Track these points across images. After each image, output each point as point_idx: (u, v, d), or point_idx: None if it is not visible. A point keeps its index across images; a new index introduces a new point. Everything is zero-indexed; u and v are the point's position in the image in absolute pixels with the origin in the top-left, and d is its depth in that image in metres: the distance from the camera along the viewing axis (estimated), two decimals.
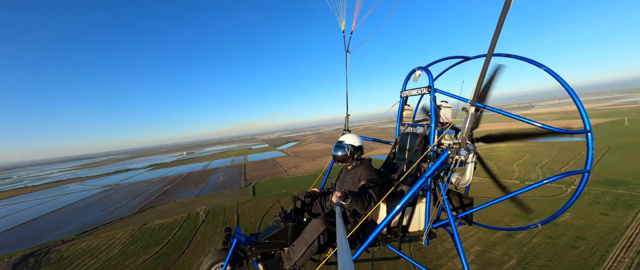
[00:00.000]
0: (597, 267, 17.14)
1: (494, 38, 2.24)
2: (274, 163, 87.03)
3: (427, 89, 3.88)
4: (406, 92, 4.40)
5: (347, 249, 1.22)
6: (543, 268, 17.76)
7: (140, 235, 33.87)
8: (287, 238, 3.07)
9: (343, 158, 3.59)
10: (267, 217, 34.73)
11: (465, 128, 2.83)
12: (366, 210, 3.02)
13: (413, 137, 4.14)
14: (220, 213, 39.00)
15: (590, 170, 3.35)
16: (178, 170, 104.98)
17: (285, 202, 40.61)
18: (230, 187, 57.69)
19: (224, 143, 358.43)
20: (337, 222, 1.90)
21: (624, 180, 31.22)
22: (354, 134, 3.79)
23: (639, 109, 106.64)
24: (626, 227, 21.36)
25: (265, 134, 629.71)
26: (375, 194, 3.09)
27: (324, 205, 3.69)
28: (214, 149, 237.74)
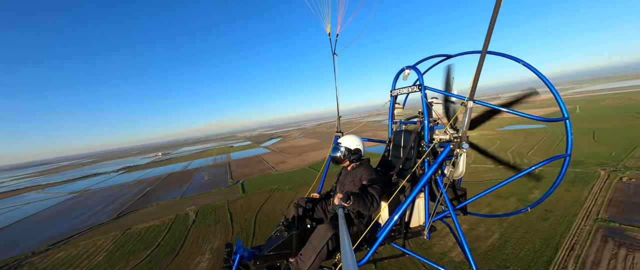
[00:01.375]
0: (564, 234, 19.73)
1: (486, 38, 2.23)
2: (260, 160, 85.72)
3: (418, 87, 3.93)
4: (396, 91, 4.42)
5: (351, 251, 1.18)
6: (521, 238, 20.02)
7: (125, 240, 31.99)
8: (292, 247, 2.97)
9: (339, 159, 3.57)
10: (261, 214, 34.55)
11: (465, 122, 2.83)
12: (369, 210, 2.97)
13: (407, 134, 4.20)
14: (211, 212, 37.96)
15: (571, 153, 3.71)
16: (155, 172, 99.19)
17: (277, 197, 40.63)
18: (217, 186, 56.05)
19: (202, 142, 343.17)
20: (339, 225, 1.89)
21: (580, 160, 35.66)
22: (353, 136, 3.72)
23: (587, 98, 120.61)
24: (584, 199, 24.66)
25: (246, 131, 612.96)
26: (376, 193, 3.05)
27: (326, 209, 3.61)
28: (192, 148, 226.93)
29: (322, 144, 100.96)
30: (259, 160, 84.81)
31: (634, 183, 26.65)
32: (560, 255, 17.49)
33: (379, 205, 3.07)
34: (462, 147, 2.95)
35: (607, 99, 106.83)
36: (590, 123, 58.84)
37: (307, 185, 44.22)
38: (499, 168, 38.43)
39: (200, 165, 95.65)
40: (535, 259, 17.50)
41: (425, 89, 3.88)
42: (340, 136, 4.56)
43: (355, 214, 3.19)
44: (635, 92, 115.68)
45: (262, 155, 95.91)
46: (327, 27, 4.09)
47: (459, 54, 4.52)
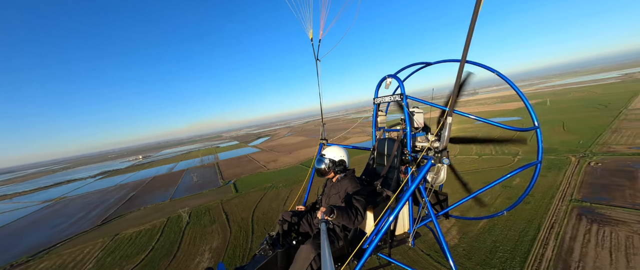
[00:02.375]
0: (544, 214, 21.63)
1: (464, 49, 2.26)
2: (250, 159, 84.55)
3: (400, 96, 3.95)
4: (379, 99, 4.39)
5: (331, 267, 1.17)
6: (507, 221, 21.68)
7: (115, 246, 30.68)
8: (277, 267, 2.88)
9: (323, 171, 3.52)
10: (257, 212, 34.42)
11: (445, 137, 2.84)
12: (354, 224, 2.94)
13: (390, 143, 4.21)
14: (205, 213, 37.24)
15: (541, 160, 3.94)
16: (138, 175, 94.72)
17: (272, 195, 40.58)
18: (208, 187, 54.79)
19: (185, 143, 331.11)
20: (321, 240, 1.85)
21: (552, 148, 38.77)
22: (337, 147, 3.69)
23: (556, 92, 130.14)
24: (559, 183, 27.05)
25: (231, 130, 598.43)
26: (361, 206, 3.02)
27: (312, 222, 3.51)
28: (175, 150, 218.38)
29: (312, 141, 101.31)
30: (249, 160, 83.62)
31: (600, 167, 29.57)
32: (542, 234, 19.23)
33: (363, 218, 3.04)
34: (442, 162, 2.95)
35: (572, 92, 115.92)
36: (560, 115, 63.76)
37: (300, 182, 44.51)
38: (483, 158, 40.87)
39: (187, 167, 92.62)
40: (521, 237, 19.12)
41: (407, 98, 3.89)
42: (325, 144, 4.72)
43: (341, 227, 3.12)
44: (596, 85, 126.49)
45: (251, 155, 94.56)
46: (310, 32, 4.04)
47: (437, 62, 4.64)
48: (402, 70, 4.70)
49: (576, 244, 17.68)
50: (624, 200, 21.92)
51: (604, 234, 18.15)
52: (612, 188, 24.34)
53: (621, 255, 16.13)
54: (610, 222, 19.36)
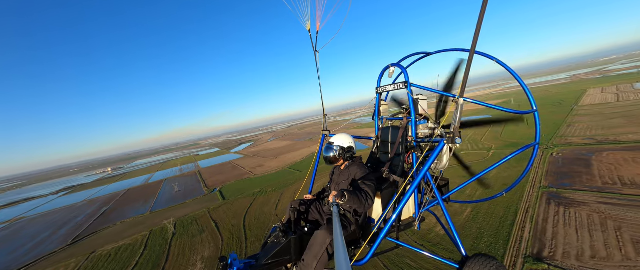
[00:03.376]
0: (519, 201, 23.86)
1: (474, 40, 2.27)
2: (234, 165, 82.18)
3: (404, 84, 3.96)
4: (382, 88, 4.39)
5: (344, 251, 1.19)
6: (488, 210, 23.56)
7: (92, 265, 28.29)
8: (291, 253, 2.87)
9: (333, 159, 3.52)
10: (248, 217, 33.74)
11: (457, 118, 2.91)
12: (364, 207, 2.97)
13: (394, 130, 4.27)
14: (192, 222, 35.66)
15: (539, 142, 4.16)
16: (108, 189, 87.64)
17: (262, 200, 39.97)
18: (192, 196, 52.39)
19: (160, 153, 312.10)
20: (333, 223, 1.86)
21: (521, 142, 42.74)
22: (344, 134, 3.70)
23: (519, 92, 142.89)
24: (529, 173, 29.96)
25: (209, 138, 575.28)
26: (370, 190, 3.06)
27: (321, 209, 3.52)
28: (150, 160, 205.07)
29: (297, 145, 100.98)
30: (233, 166, 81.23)
31: (561, 157, 33.23)
32: (519, 218, 21.24)
33: (373, 201, 3.07)
34: (455, 142, 2.99)
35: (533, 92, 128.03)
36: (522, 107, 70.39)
37: (291, 186, 44.39)
38: (460, 153, 43.86)
39: (165, 177, 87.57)
40: (502, 223, 20.97)
41: (411, 86, 3.94)
42: (328, 135, 4.72)
43: (352, 212, 3.16)
44: (551, 86, 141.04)
45: (235, 161, 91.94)
46: (307, 24, 4.00)
47: (437, 52, 4.78)
48: (403, 60, 4.75)
49: (548, 225, 19.79)
50: (583, 184, 24.93)
51: (570, 215, 20.53)
52: (572, 174, 27.52)
53: (585, 231, 18.39)
54: (573, 204, 21.92)
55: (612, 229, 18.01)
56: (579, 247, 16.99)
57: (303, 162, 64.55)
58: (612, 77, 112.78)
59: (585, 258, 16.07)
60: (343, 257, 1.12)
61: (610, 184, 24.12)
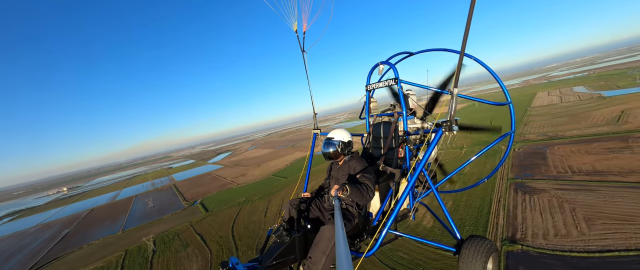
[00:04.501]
0: (492, 192, 26.44)
1: (464, 38, 2.35)
2: (214, 176, 78.67)
3: (394, 80, 4.08)
4: (372, 85, 4.47)
5: (345, 244, 1.21)
6: (467, 201, 25.75)
7: None
8: (295, 252, 2.80)
9: (334, 155, 3.47)
10: (236, 227, 32.73)
11: (452, 108, 2.99)
12: (366, 199, 2.98)
13: (386, 125, 4.33)
14: (174, 238, 33.53)
15: (514, 131, 4.40)
16: (67, 210, 78.31)
17: (249, 209, 38.99)
18: (170, 211, 49.12)
19: (126, 168, 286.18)
20: (335, 216, 1.81)
21: (488, 140, 47.32)
22: (341, 129, 3.68)
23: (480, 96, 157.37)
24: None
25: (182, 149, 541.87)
26: (370, 182, 3.07)
27: (321, 206, 3.46)
28: (114, 176, 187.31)
29: (280, 152, 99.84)
30: (213, 177, 77.70)
31: (522, 151, 37.47)
32: (494, 207, 23.61)
33: (374, 193, 3.08)
34: (452, 129, 3.08)
35: (493, 95, 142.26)
36: (487, 113, 77.71)
37: (278, 193, 43.92)
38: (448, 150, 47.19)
39: (136, 193, 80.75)
40: (480, 211, 23.12)
41: (401, 82, 4.06)
42: (319, 133, 4.79)
43: (355, 206, 3.19)
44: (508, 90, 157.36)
45: (214, 172, 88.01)
46: (294, 25, 4.00)
47: (419, 52, 5.08)
48: (390, 59, 4.88)
49: (518, 211, 22.30)
50: (542, 174, 28.46)
51: (534, 201, 23.34)
52: (532, 166, 31.23)
53: (547, 214, 21.08)
54: (536, 191, 24.94)
55: (568, 210, 20.91)
56: (544, 228, 19.45)
57: (287, 169, 64.13)
58: (555, 82, 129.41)
59: (550, 236, 18.45)
60: (343, 249, 1.12)
61: (562, 173, 27.88)
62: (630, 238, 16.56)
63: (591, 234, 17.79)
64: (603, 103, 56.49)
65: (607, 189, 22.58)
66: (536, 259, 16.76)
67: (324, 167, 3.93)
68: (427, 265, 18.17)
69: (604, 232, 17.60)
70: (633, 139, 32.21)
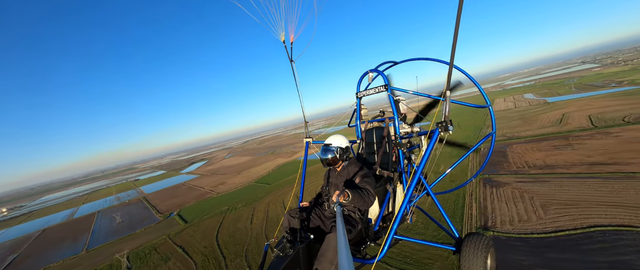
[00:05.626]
0: (465, 188, 29.17)
1: (453, 48, 2.45)
2: (190, 186, 74.42)
3: (384, 87, 4.18)
4: (362, 93, 4.56)
5: (347, 251, 1.17)
6: (444, 196, 28.07)
7: None
8: (300, 264, 2.72)
9: (332, 161, 3.42)
10: (221, 235, 31.58)
11: (447, 109, 3.03)
12: (367, 204, 2.92)
13: (378, 131, 4.44)
14: (151, 252, 31.26)
15: (495, 131, 4.87)
16: (10, 233, 67.98)
17: (233, 217, 37.86)
18: (143, 225, 45.48)
19: (81, 183, 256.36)
20: (337, 222, 1.78)
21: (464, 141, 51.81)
22: (339, 135, 3.63)
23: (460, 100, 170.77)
24: (467, 164, 36.81)
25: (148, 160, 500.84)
26: (370, 186, 3.04)
27: (322, 215, 3.36)
28: (66, 193, 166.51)
29: (260, 159, 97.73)
30: (188, 187, 73.42)
31: (486, 151, 41.76)
32: (467, 200, 26.10)
33: (374, 197, 3.02)
34: (448, 129, 3.12)
35: None
36: (454, 118, 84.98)
37: (262, 199, 43.22)
38: None
39: (98, 209, 73.11)
40: (456, 205, 25.42)
41: (390, 89, 4.17)
42: (311, 142, 4.87)
43: (357, 212, 3.14)
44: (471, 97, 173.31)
45: (190, 182, 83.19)
46: (281, 35, 4.05)
47: (403, 61, 5.32)
48: (380, 66, 5.06)
49: (487, 203, 24.96)
50: (504, 170, 32.12)
51: (500, 193, 26.32)
52: (496, 163, 35.04)
53: (511, 204, 23.94)
54: (501, 185, 28.12)
55: (528, 199, 23.99)
56: (510, 215, 22.12)
57: (270, 175, 63.20)
58: (509, 90, 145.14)
59: (515, 222, 21.05)
60: (345, 257, 1.10)
61: (521, 168, 31.78)
62: (576, 219, 19.64)
63: (547, 218, 20.70)
64: (548, 108, 65.32)
65: (556, 180, 26.38)
66: (505, 243, 19.02)
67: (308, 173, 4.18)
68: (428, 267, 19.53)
69: (557, 216, 20.60)
70: (572, 138, 37.94)
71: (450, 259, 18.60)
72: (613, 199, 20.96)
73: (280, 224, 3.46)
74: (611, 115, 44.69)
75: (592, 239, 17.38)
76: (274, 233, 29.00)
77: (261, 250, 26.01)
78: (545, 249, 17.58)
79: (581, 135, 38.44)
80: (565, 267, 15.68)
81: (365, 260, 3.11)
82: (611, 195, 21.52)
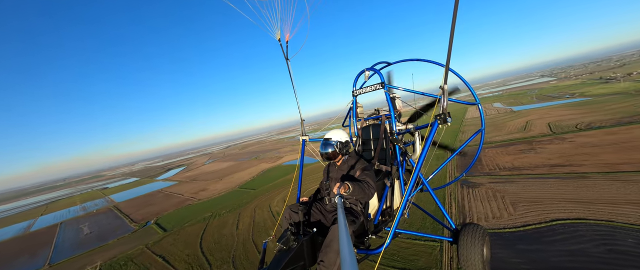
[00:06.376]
0: (445, 188, 31.12)
1: (448, 50, 2.51)
2: (168, 194, 70.54)
3: (381, 85, 4.22)
4: (359, 91, 4.58)
5: (348, 240, 1.17)
6: (425, 198, 29.70)
7: None
8: (304, 257, 2.70)
9: (333, 155, 3.44)
10: (205, 242, 30.52)
11: (444, 101, 3.05)
12: (368, 196, 2.99)
13: (374, 128, 4.51)
14: (127, 263, 29.26)
15: (484, 128, 4.85)
16: None
17: (218, 223, 36.73)
18: (115, 236, 42.31)
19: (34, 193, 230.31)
20: (338, 214, 1.79)
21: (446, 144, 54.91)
22: (338, 129, 3.67)
23: None
24: (447, 167, 39.18)
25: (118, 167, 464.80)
26: (370, 179, 3.09)
27: (322, 209, 3.40)
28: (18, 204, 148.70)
29: (243, 164, 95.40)
30: (166, 195, 69.53)
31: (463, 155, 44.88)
32: (447, 200, 27.90)
33: (375, 189, 3.05)
34: (447, 121, 3.16)
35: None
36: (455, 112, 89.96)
37: (248, 204, 42.42)
38: None
39: (60, 220, 66.51)
40: (436, 205, 27.03)
41: (387, 87, 4.22)
42: (308, 140, 4.91)
43: (358, 205, 3.18)
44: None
45: (167, 189, 78.79)
46: (277, 33, 4.02)
47: (396, 62, 5.41)
48: (375, 66, 5.07)
49: (465, 202, 26.88)
50: (479, 172, 34.76)
51: (476, 193, 28.48)
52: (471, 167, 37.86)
53: (485, 202, 26.03)
54: (476, 185, 30.41)
55: (500, 198, 26.25)
56: (485, 213, 24.05)
57: (255, 181, 62.04)
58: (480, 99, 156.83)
59: (489, 218, 22.94)
60: (347, 247, 1.10)
61: (493, 170, 34.62)
62: (540, 214, 21.92)
63: (516, 214, 22.84)
64: (514, 116, 71.64)
65: (523, 180, 29.16)
66: None
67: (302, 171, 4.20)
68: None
69: (525, 212, 22.83)
70: (535, 143, 42.10)
71: (433, 254, 19.82)
72: (569, 195, 23.72)
73: (278, 221, 3.59)
74: (566, 122, 50.32)
75: (554, 231, 19.53)
76: (261, 238, 28.63)
77: (249, 255, 25.56)
78: (515, 241, 19.42)
79: (542, 140, 42.81)
80: (532, 257, 17.47)
81: (369, 251, 3.17)
82: (568, 192, 24.33)
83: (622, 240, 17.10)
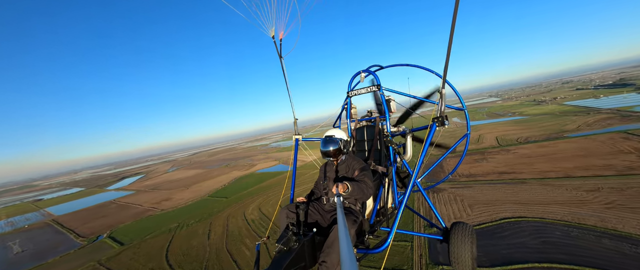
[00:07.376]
0: (414, 194, 33.88)
1: (446, 59, 2.52)
2: (122, 204, 63.24)
3: (377, 87, 4.32)
4: (354, 92, 4.63)
5: (347, 239, 1.16)
6: None
7: None
8: (305, 258, 2.63)
9: (334, 153, 3.44)
10: (172, 255, 28.34)
11: (442, 104, 3.04)
12: (366, 195, 3.01)
13: (369, 129, 4.61)
14: None
15: (469, 132, 5.04)
16: None
17: (186, 234, 34.42)
18: (57, 253, 36.60)
19: None
20: (337, 214, 1.79)
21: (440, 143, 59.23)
22: (336, 128, 3.70)
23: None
24: None
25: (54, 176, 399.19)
26: (368, 178, 3.12)
27: (320, 209, 3.34)
28: None
29: (213, 172, 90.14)
30: (120, 206, 62.24)
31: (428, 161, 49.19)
32: (416, 204, 30.36)
33: (372, 189, 3.10)
34: (444, 124, 3.13)
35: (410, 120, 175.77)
36: None
37: (220, 213, 40.47)
38: None
39: None
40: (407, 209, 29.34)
41: (382, 89, 4.28)
42: (300, 139, 4.95)
43: (357, 204, 3.23)
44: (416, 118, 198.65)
45: (121, 199, 70.57)
46: (271, 31, 4.00)
47: (388, 66, 5.51)
48: (370, 67, 5.13)
49: None
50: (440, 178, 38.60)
51: (440, 197, 31.57)
52: (435, 173, 41.58)
53: (448, 205, 29.04)
54: (440, 191, 33.69)
55: (460, 201, 29.51)
56: (448, 214, 26.82)
57: (226, 189, 59.19)
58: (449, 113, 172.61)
59: (452, 219, 25.65)
60: (346, 247, 1.09)
61: (453, 177, 38.67)
62: (492, 214, 25.27)
63: (473, 214, 25.96)
64: None
65: (478, 185, 33.20)
66: None
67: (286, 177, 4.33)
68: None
69: (480, 212, 26.06)
70: (487, 153, 48.19)
71: (405, 253, 21.46)
72: (513, 197, 27.80)
73: (271, 222, 3.53)
74: (510, 136, 58.57)
75: (503, 228, 22.71)
76: (236, 247, 27.64)
77: (224, 265, 24.46)
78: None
79: (492, 151, 49.20)
80: (488, 250, 20.09)
81: (369, 251, 3.16)
82: (512, 195, 28.47)
83: (551, 233, 20.70)
